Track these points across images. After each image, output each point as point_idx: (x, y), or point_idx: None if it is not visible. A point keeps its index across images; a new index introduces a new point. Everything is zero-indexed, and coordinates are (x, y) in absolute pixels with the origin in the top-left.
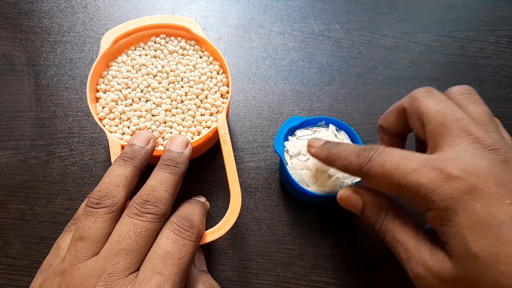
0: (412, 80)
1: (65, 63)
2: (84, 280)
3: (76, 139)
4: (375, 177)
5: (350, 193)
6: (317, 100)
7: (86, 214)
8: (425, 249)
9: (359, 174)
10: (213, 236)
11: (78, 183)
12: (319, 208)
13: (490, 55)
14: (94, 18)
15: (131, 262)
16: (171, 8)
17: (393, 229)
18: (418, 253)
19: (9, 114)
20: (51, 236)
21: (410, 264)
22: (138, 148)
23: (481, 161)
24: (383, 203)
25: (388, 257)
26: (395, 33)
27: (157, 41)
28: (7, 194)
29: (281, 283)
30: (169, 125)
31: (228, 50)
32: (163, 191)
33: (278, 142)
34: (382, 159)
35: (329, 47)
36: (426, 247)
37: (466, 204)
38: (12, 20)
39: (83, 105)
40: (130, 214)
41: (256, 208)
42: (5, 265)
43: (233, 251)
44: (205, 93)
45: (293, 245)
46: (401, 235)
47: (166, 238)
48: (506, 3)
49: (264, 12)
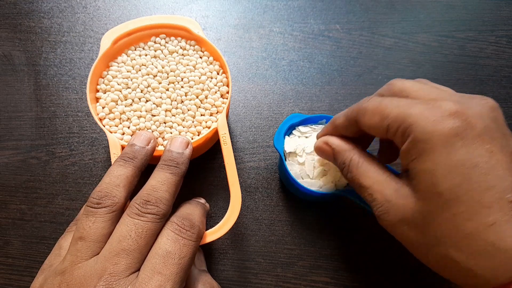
0: None
1: (65, 63)
2: (85, 280)
3: (76, 139)
4: (368, 112)
5: (321, 144)
6: (317, 100)
7: (86, 214)
8: (390, 187)
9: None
10: (213, 236)
11: (78, 183)
12: (319, 208)
13: (490, 55)
14: (94, 18)
15: (132, 262)
16: (171, 8)
17: (359, 171)
18: (383, 191)
19: (9, 114)
20: (51, 236)
21: (376, 204)
22: (138, 148)
23: (475, 106)
24: (349, 148)
25: (388, 257)
26: (395, 33)
27: (157, 41)
28: (7, 194)
29: (281, 283)
30: (169, 125)
31: (228, 50)
32: (163, 191)
33: (278, 139)
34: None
35: (329, 47)
36: (391, 185)
37: (449, 141)
38: (12, 20)
39: (83, 105)
40: (131, 214)
41: (256, 208)
42: (5, 265)
43: (233, 251)
44: (205, 93)
45: (293, 245)
46: (367, 177)
47: (166, 238)
48: (506, 3)
49: (264, 12)
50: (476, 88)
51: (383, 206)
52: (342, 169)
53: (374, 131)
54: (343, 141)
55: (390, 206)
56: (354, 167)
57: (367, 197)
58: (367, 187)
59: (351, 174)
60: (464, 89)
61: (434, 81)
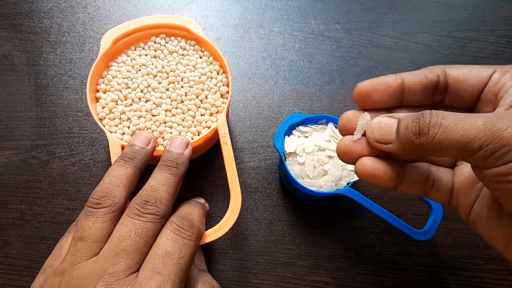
0: None
1: (65, 63)
2: (84, 280)
3: (76, 139)
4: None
5: (381, 118)
6: (317, 100)
7: (86, 214)
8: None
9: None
10: (213, 236)
11: (78, 183)
12: (319, 208)
13: (490, 55)
14: (94, 18)
15: (132, 262)
16: (171, 8)
17: (447, 116)
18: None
19: (9, 114)
20: (51, 236)
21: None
22: (138, 149)
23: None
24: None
25: (388, 257)
26: (395, 33)
27: (157, 41)
28: (7, 194)
29: (281, 283)
30: (169, 125)
31: (228, 50)
32: (163, 191)
33: (278, 139)
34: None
35: (329, 47)
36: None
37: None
38: (12, 20)
39: (83, 105)
40: (130, 215)
41: (256, 208)
42: (5, 265)
43: (233, 251)
44: (205, 93)
45: (293, 245)
46: (464, 120)
47: (166, 238)
48: (506, 3)
49: (264, 12)
50: None
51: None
52: (417, 122)
53: (469, 84)
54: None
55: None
56: (435, 113)
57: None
58: (488, 118)
59: (437, 117)
60: None
61: None
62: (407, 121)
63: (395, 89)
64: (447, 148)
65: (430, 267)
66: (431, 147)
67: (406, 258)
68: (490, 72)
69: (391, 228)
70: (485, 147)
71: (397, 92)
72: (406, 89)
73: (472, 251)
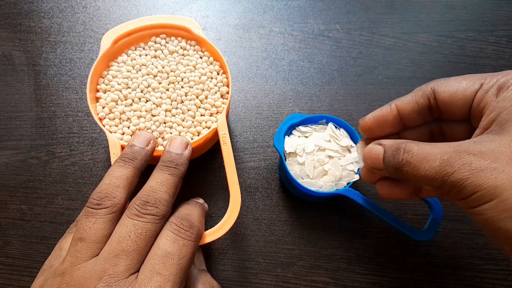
0: (412, 80)
1: (65, 63)
2: (84, 281)
3: (76, 139)
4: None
5: (371, 145)
6: (317, 100)
7: (86, 215)
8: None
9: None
10: (213, 236)
11: (78, 183)
12: (319, 208)
13: (490, 55)
14: (94, 18)
15: (132, 263)
16: (171, 8)
17: (421, 148)
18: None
19: (9, 114)
20: (51, 236)
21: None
22: (138, 149)
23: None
24: (404, 141)
25: (388, 257)
26: (395, 33)
27: (157, 41)
28: (7, 194)
29: (281, 283)
30: (169, 126)
31: (228, 50)
32: (163, 192)
33: (278, 139)
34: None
35: (329, 47)
36: (483, 145)
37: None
38: (12, 20)
39: (83, 105)
40: (130, 215)
41: (256, 208)
42: (5, 265)
43: (233, 251)
44: (205, 94)
45: (293, 245)
46: (435, 148)
47: (165, 239)
48: (506, 3)
49: (264, 12)
50: None
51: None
52: (394, 156)
53: (456, 105)
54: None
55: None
56: (413, 146)
57: (448, 183)
58: (443, 160)
59: (409, 154)
60: None
61: None
62: (389, 154)
63: (393, 121)
64: (419, 182)
65: (430, 267)
66: (409, 179)
67: (406, 258)
68: (475, 89)
69: (391, 228)
70: (440, 188)
71: (396, 121)
72: (403, 118)
73: (472, 251)
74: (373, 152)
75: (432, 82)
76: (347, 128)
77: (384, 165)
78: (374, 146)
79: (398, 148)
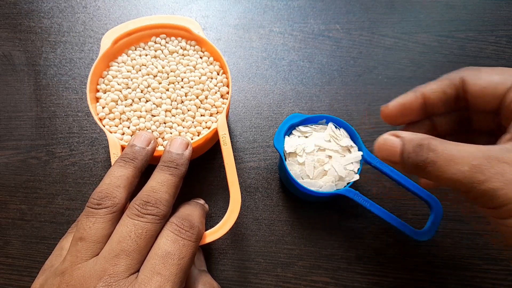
0: (412, 80)
1: (65, 63)
2: (84, 281)
3: (76, 139)
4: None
5: (387, 136)
6: (317, 100)
7: (86, 214)
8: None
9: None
10: (213, 237)
11: (78, 183)
12: (319, 208)
13: (490, 55)
14: (94, 18)
15: (132, 263)
16: (171, 8)
17: (445, 146)
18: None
19: (9, 114)
20: (51, 236)
21: (496, 193)
22: (138, 149)
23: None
24: (425, 136)
25: (388, 257)
26: (395, 33)
27: (157, 41)
28: (7, 194)
29: (281, 283)
30: (169, 126)
31: (228, 50)
32: (163, 192)
33: (278, 139)
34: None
35: (329, 47)
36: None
37: None
38: (12, 20)
39: (83, 105)
40: (130, 215)
41: (256, 208)
42: (5, 265)
43: (233, 251)
44: (205, 94)
45: (293, 245)
46: (462, 151)
47: (166, 239)
48: (506, 3)
49: (264, 12)
50: None
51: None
52: (416, 154)
53: (486, 100)
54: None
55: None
56: (438, 144)
57: (477, 190)
58: (472, 165)
59: (433, 154)
60: None
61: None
62: (409, 149)
63: (418, 109)
64: (441, 183)
65: (430, 267)
66: (430, 178)
67: (406, 258)
68: (507, 86)
69: (391, 228)
70: (468, 193)
71: (421, 109)
72: (428, 106)
73: (472, 251)
74: (388, 144)
75: (461, 71)
76: (347, 128)
77: (402, 160)
78: (389, 137)
79: (421, 144)
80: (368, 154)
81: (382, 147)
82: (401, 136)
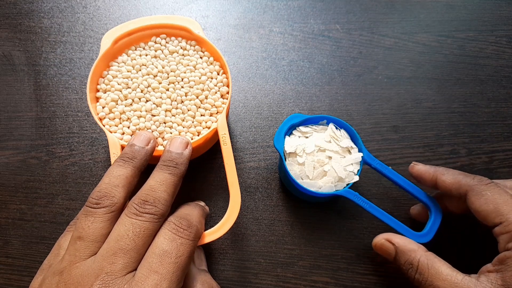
0: (412, 80)
1: (65, 63)
2: (82, 279)
3: (76, 139)
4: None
5: (382, 241)
6: (317, 100)
7: (85, 214)
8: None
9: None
10: (212, 237)
11: (78, 183)
12: (319, 208)
13: (490, 55)
14: (94, 18)
15: (129, 261)
16: (171, 8)
17: (431, 273)
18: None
19: (9, 114)
20: (51, 236)
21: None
22: (138, 149)
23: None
24: (415, 248)
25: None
26: (395, 33)
27: (158, 41)
28: (7, 194)
29: (281, 283)
30: (169, 125)
31: (228, 50)
32: (162, 191)
33: (278, 139)
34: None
35: (329, 47)
36: (472, 285)
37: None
38: (12, 20)
39: (83, 105)
40: (128, 214)
41: (256, 208)
42: (5, 265)
43: (233, 251)
44: (205, 94)
45: (293, 245)
46: (442, 280)
47: (163, 237)
48: (506, 3)
49: (264, 12)
50: (476, 88)
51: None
52: (407, 270)
53: (488, 218)
54: (408, 240)
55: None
56: (424, 268)
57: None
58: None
59: (422, 276)
60: (464, 89)
61: (434, 81)
62: (400, 261)
63: (431, 186)
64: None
65: None
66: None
67: None
68: (499, 220)
69: (391, 229)
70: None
71: (433, 186)
72: (439, 188)
73: (472, 252)
74: (383, 249)
75: (471, 182)
76: (348, 129)
77: (395, 264)
78: (385, 242)
79: (411, 264)
80: (368, 155)
81: (379, 249)
82: (394, 242)
